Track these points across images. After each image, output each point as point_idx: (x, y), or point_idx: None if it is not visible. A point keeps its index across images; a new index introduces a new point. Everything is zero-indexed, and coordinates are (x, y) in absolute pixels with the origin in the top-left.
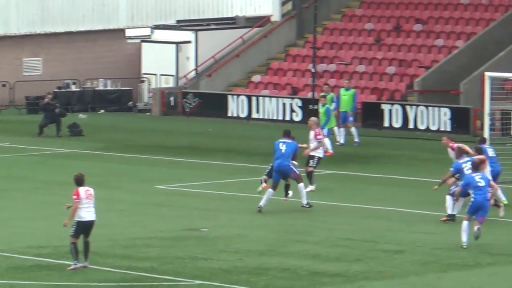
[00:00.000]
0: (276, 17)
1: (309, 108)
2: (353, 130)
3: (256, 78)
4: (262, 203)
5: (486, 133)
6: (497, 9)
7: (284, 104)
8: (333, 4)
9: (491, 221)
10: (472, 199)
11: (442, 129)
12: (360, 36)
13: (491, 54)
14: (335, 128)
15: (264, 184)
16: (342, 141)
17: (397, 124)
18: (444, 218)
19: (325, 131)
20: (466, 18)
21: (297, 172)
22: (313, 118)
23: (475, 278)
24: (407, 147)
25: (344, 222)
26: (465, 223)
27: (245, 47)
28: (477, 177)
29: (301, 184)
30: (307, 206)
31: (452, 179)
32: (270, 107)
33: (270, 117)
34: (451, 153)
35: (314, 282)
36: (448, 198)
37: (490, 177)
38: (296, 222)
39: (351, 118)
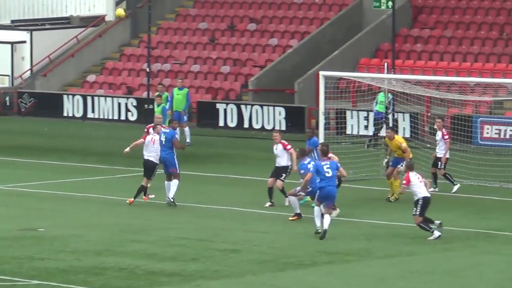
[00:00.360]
0: (110, 17)
1: (144, 108)
2: (186, 130)
3: (91, 78)
4: None
5: (321, 132)
6: (330, 8)
7: (119, 104)
8: (167, 4)
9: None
10: (320, 188)
11: (277, 128)
12: (195, 35)
13: (325, 53)
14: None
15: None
16: None
17: (232, 123)
18: (293, 218)
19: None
20: (300, 17)
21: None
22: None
23: (312, 277)
24: (242, 146)
25: (179, 221)
26: (317, 209)
27: (79, 47)
28: (325, 166)
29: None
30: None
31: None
32: (106, 107)
33: (106, 117)
34: (279, 150)
35: (151, 281)
36: (293, 199)
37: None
38: (132, 221)
39: (185, 118)
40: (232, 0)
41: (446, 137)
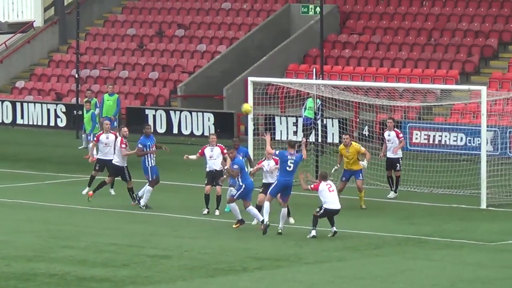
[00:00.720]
0: (38, 23)
1: (73, 114)
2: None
3: (20, 84)
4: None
5: (250, 138)
6: (259, 14)
7: (48, 110)
8: (96, 10)
9: (257, 226)
10: (277, 181)
11: (206, 134)
12: (123, 41)
13: (253, 59)
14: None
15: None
16: None
17: (161, 129)
18: (236, 225)
19: (91, 137)
20: (228, 23)
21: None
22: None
23: (242, 283)
24: (171, 152)
25: (110, 227)
26: (267, 204)
27: (8, 53)
28: (289, 161)
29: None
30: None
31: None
32: (35, 113)
33: (35, 123)
34: (215, 153)
35: (82, 287)
36: (233, 205)
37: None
38: (63, 227)
39: (114, 124)
40: (160, 6)
41: (401, 135)
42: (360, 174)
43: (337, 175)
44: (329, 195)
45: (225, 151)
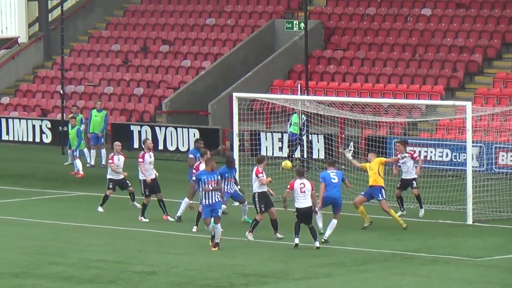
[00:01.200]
0: (23, 39)
1: (59, 130)
2: (102, 151)
3: (5, 100)
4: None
5: (236, 154)
6: (243, 30)
7: (33, 126)
8: (80, 26)
9: (243, 242)
10: (325, 194)
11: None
12: (108, 57)
13: (238, 75)
14: (85, 150)
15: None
16: (92, 162)
17: None
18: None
19: (76, 152)
20: (213, 39)
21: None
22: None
23: None
24: (157, 168)
25: (97, 244)
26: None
27: None
28: (331, 173)
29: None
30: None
31: None
32: (20, 129)
33: (20, 139)
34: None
35: None
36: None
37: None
38: (49, 244)
39: (102, 140)
40: (145, 22)
41: (416, 154)
42: (380, 194)
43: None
44: (299, 195)
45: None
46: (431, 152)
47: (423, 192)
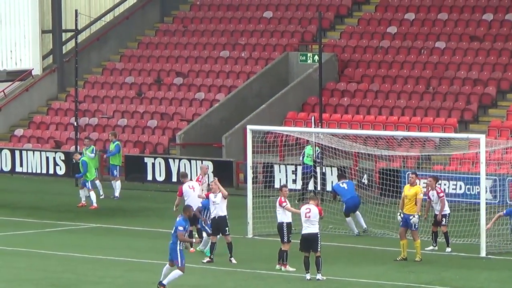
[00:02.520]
0: (37, 71)
1: (72, 162)
2: (117, 183)
3: (19, 132)
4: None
5: (249, 186)
6: (257, 62)
7: (47, 158)
8: (94, 58)
9: (255, 274)
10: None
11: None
12: (122, 89)
13: (252, 107)
14: (97, 182)
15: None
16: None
17: (160, 177)
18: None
19: (88, 184)
20: (227, 71)
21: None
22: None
23: None
24: (170, 200)
25: (110, 275)
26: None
27: (7, 101)
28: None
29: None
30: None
31: None
32: (34, 161)
33: (34, 171)
34: (218, 199)
35: None
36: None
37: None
38: (62, 275)
39: (115, 172)
40: (159, 54)
41: (441, 194)
42: (413, 224)
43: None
44: (304, 220)
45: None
46: (444, 184)
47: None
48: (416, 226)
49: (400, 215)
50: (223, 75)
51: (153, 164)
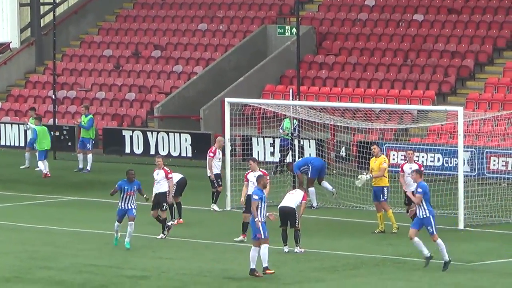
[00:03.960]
0: (15, 44)
1: (51, 135)
2: (89, 157)
3: None
4: None
5: (228, 159)
6: (235, 35)
7: (25, 131)
8: (72, 31)
9: (234, 246)
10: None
11: (183, 154)
12: (100, 62)
13: (230, 80)
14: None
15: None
16: (80, 165)
17: (138, 150)
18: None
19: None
20: (205, 44)
21: None
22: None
23: None
24: (148, 173)
25: (88, 248)
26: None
27: None
28: None
29: None
30: None
31: None
32: (12, 134)
33: (12, 144)
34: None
35: None
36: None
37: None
38: (41, 248)
39: (88, 145)
40: (137, 27)
41: (423, 168)
42: (381, 195)
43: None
44: (286, 196)
45: (169, 175)
46: (422, 157)
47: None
48: (385, 197)
49: (366, 175)
50: (201, 48)
51: (131, 137)
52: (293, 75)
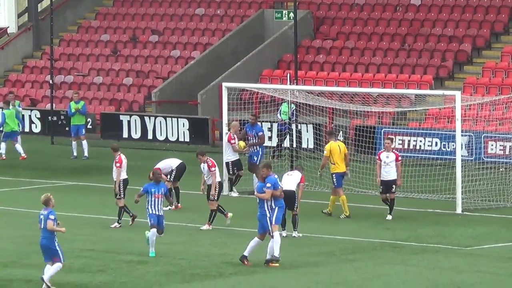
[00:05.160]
0: (12, 29)
1: (48, 120)
2: (84, 143)
3: None
4: None
5: (224, 144)
6: (232, 19)
7: (23, 116)
8: (69, 16)
9: (232, 231)
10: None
11: (181, 139)
12: (97, 47)
13: (227, 65)
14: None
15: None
16: (75, 154)
17: (136, 135)
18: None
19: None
20: (202, 28)
21: None
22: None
23: None
24: (146, 157)
25: (86, 233)
26: None
27: None
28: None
29: None
30: None
31: None
32: None
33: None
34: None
35: None
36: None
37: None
38: (38, 233)
39: (82, 131)
40: (134, 12)
41: (400, 158)
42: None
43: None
44: (284, 177)
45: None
46: (420, 141)
47: (412, 181)
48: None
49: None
50: (199, 32)
51: (129, 122)
52: (291, 60)
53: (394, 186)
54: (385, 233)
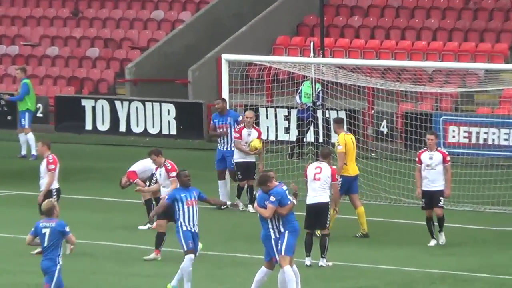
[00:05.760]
0: None
1: None
2: (29, 136)
3: None
4: None
5: None
6: None
7: None
8: None
9: (236, 258)
10: None
11: (165, 132)
12: (51, 7)
13: (228, 30)
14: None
15: None
16: (23, 152)
17: (103, 126)
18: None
19: None
20: None
21: None
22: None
23: None
24: (118, 157)
25: (33, 263)
26: None
27: None
28: None
29: None
30: None
31: None
32: None
33: None
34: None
35: None
36: None
37: None
38: None
39: (22, 120)
40: None
41: (448, 158)
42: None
43: None
44: (311, 185)
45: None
46: (493, 133)
47: (482, 188)
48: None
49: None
50: None
51: (94, 108)
52: (315, 23)
53: (441, 198)
54: (447, 261)
